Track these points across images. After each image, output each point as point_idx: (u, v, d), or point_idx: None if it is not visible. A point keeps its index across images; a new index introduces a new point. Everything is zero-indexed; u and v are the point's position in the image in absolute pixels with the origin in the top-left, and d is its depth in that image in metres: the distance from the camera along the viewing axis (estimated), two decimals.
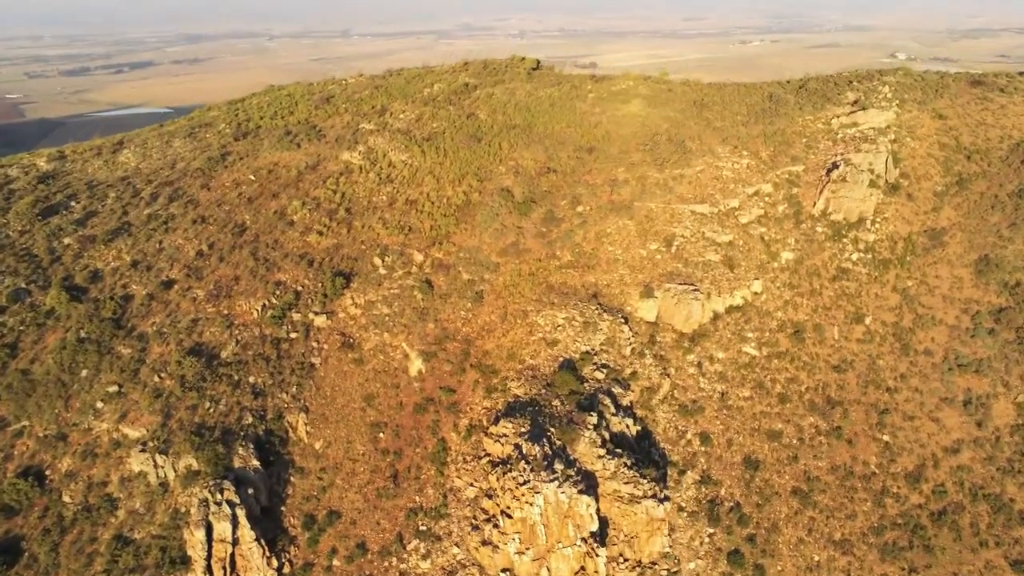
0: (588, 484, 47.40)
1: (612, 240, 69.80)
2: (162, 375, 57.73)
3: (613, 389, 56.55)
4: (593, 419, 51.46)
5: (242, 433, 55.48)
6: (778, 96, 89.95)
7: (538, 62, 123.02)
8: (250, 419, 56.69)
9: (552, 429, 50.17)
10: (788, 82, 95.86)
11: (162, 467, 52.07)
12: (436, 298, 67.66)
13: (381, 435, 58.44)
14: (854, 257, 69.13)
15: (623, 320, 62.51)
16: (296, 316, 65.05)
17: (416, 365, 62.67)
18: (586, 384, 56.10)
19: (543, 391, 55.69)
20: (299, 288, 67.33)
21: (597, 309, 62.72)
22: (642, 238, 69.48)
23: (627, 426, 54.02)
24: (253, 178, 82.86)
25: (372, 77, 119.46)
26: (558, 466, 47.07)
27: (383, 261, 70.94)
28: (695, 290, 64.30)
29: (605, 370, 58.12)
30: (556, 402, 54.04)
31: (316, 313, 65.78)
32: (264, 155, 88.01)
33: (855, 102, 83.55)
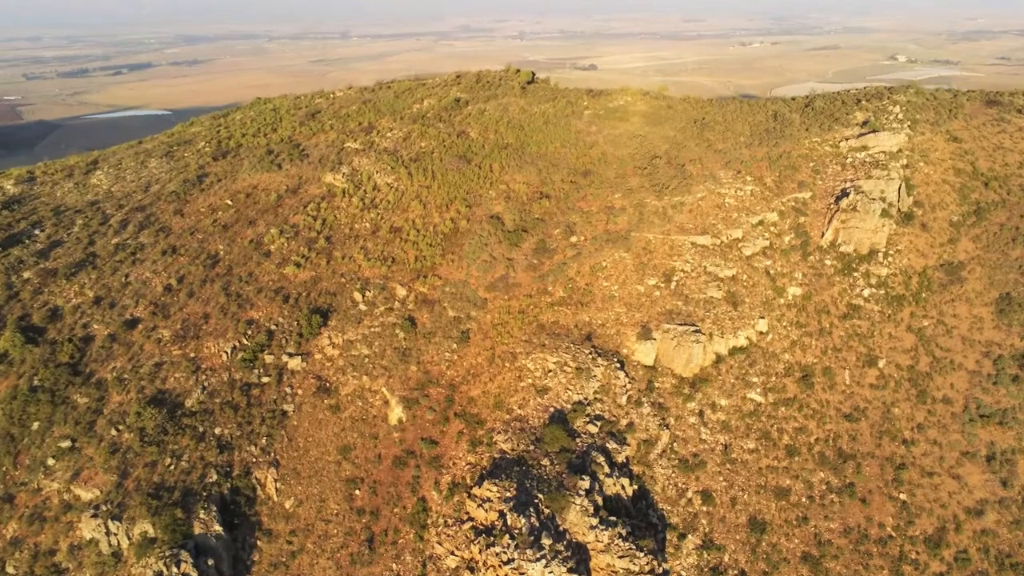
0: (579, 559, 43.07)
1: (608, 274, 65.43)
2: (120, 427, 53.35)
3: (607, 444, 52.18)
4: (585, 483, 47.09)
5: (205, 493, 51.07)
6: (783, 115, 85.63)
7: (533, 75, 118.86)
8: (214, 476, 52.28)
9: (540, 495, 45.81)
10: (793, 99, 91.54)
11: (115, 534, 47.69)
12: (419, 337, 63.29)
13: (357, 492, 54.05)
14: (865, 293, 64.79)
15: (619, 364, 58.14)
16: (269, 358, 60.65)
17: (396, 413, 58.29)
18: (578, 440, 51.72)
19: (531, 447, 51.32)
20: (273, 327, 62.96)
21: (591, 353, 58.34)
22: (639, 272, 65.13)
23: (623, 487, 49.66)
24: (230, 203, 78.57)
25: (361, 90, 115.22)
26: (545, 541, 42.72)
27: (364, 296, 66.59)
28: (696, 331, 59.94)
29: (599, 422, 53.74)
30: (545, 461, 49.68)
31: (290, 355, 61.39)
32: (243, 177, 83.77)
33: (864, 123, 79.20)
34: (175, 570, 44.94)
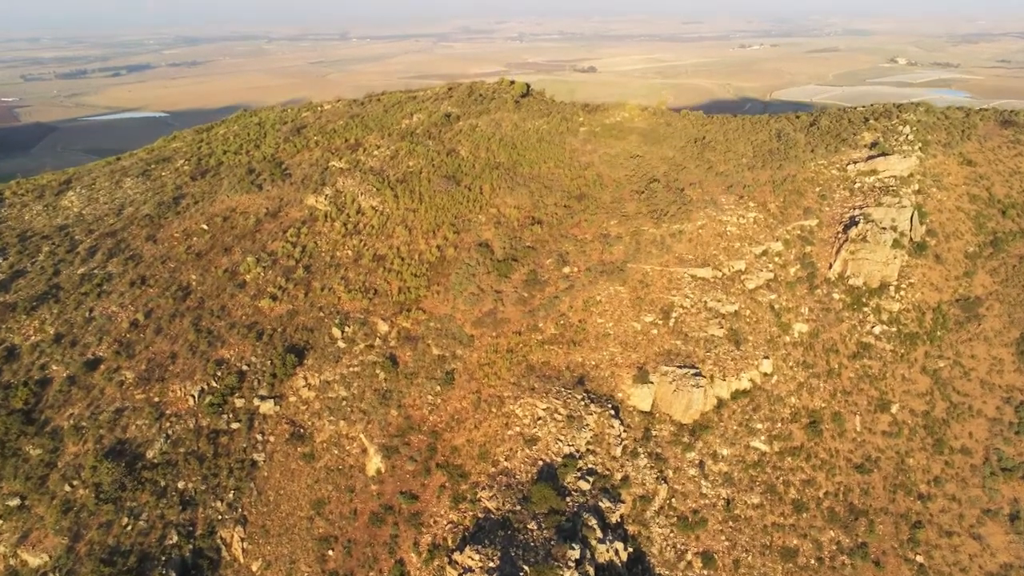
0: None
1: (602, 310, 61.50)
2: (74, 483, 49.37)
3: (600, 503, 48.25)
4: (575, 552, 43.17)
5: (164, 557, 47.11)
6: (787, 135, 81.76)
7: (528, 87, 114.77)
8: (175, 538, 48.32)
9: (526, 567, 41.86)
10: (798, 117, 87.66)
11: None
12: (401, 378, 59.33)
13: (330, 552, 50.08)
14: (876, 330, 60.90)
15: (613, 411, 54.20)
16: (239, 402, 56.68)
17: (375, 463, 54.33)
18: (568, 499, 47.79)
19: (518, 507, 47.37)
20: (245, 367, 58.99)
21: (583, 399, 54.40)
22: (636, 308, 61.19)
23: (616, 552, 45.74)
24: (206, 227, 74.63)
25: (350, 103, 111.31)
26: None
27: (343, 332, 62.64)
28: (696, 373, 56.01)
29: (591, 477, 49.80)
30: (532, 524, 45.72)
31: (263, 397, 57.41)
32: (222, 198, 79.82)
33: (873, 144, 75.35)
34: None
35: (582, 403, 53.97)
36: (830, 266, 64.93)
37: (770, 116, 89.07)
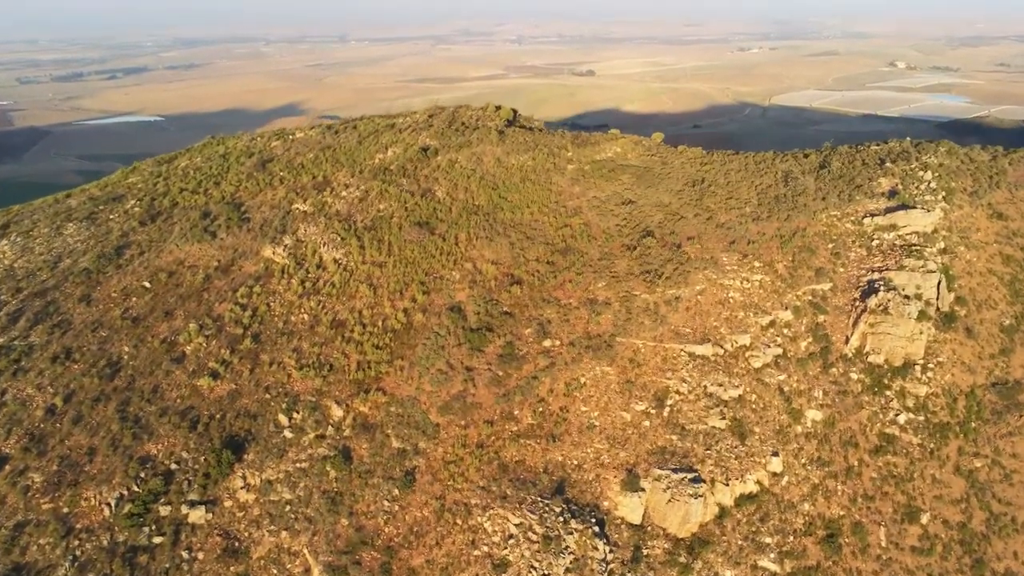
0: None
1: (587, 395, 53.72)
2: None
3: None
4: None
5: None
6: (795, 177, 74.01)
7: (514, 113, 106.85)
8: None
9: None
10: (806, 156, 79.90)
11: None
12: (355, 477, 51.46)
13: None
14: (901, 419, 53.15)
15: (597, 527, 46.40)
16: (164, 510, 48.83)
17: None
18: None
19: None
20: (173, 465, 51.14)
21: (563, 512, 46.58)
22: (625, 394, 53.41)
23: None
24: (148, 285, 66.89)
25: (324, 130, 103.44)
26: None
27: (291, 419, 54.80)
28: (695, 478, 48.24)
29: None
30: None
31: (192, 503, 49.56)
32: (170, 248, 72.08)
33: (892, 193, 67.63)
34: None
35: (561, 518, 46.13)
36: (846, 340, 57.20)
37: (775, 155, 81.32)
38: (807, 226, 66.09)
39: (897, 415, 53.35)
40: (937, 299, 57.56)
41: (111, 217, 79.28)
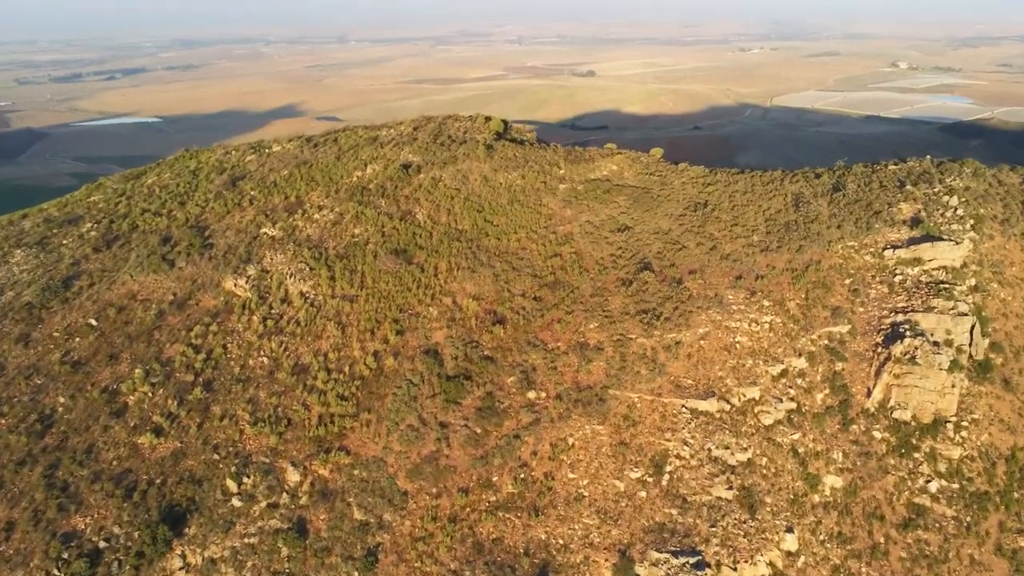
0: None
1: (575, 459, 47.36)
2: None
3: None
4: None
5: None
6: (806, 201, 67.63)
7: (505, 124, 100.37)
8: None
9: None
10: (817, 176, 73.46)
11: None
12: (310, 556, 45.07)
13: None
14: (933, 487, 46.78)
15: None
16: None
17: None
18: None
19: None
20: (102, 543, 44.78)
21: None
22: (619, 458, 47.03)
23: None
24: (94, 323, 60.67)
25: (303, 144, 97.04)
26: None
27: (240, 484, 48.43)
28: (698, 562, 41.88)
29: None
30: None
31: None
32: (123, 279, 65.94)
33: (914, 221, 61.25)
34: None
35: None
36: (868, 392, 50.81)
37: (784, 174, 74.94)
38: (822, 258, 59.72)
39: (928, 482, 46.98)
40: (970, 345, 51.22)
41: (64, 242, 73.18)
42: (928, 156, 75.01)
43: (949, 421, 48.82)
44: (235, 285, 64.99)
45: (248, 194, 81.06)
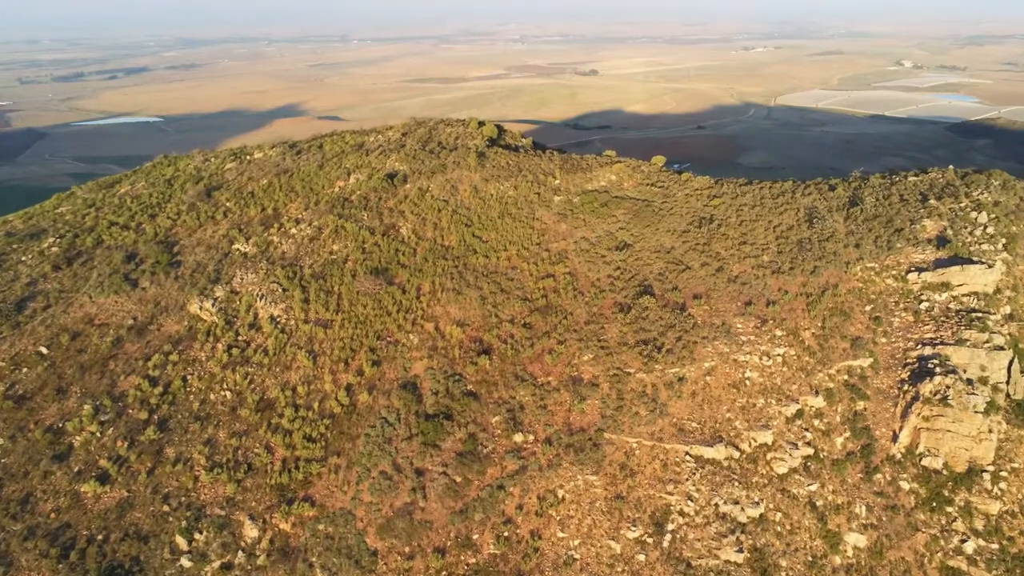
0: None
1: (565, 515, 42.16)
2: None
3: None
4: None
5: None
6: (820, 217, 62.28)
7: (499, 130, 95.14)
8: None
9: None
10: (832, 188, 68.08)
11: None
12: None
13: None
14: (969, 548, 41.47)
15: None
16: None
17: None
18: None
19: None
20: None
21: None
22: (615, 515, 41.84)
23: None
24: (44, 351, 55.76)
25: (285, 149, 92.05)
26: None
27: (191, 541, 43.34)
28: None
29: None
30: None
31: None
32: (81, 301, 61.05)
33: (940, 241, 55.88)
34: None
35: None
36: (894, 436, 45.51)
37: (795, 185, 69.60)
38: (839, 281, 54.40)
39: (963, 541, 41.69)
40: (1008, 383, 45.89)
41: (23, 259, 68.35)
42: (951, 166, 69.48)
43: (986, 471, 43.51)
44: (201, 308, 59.98)
45: (223, 206, 76.17)
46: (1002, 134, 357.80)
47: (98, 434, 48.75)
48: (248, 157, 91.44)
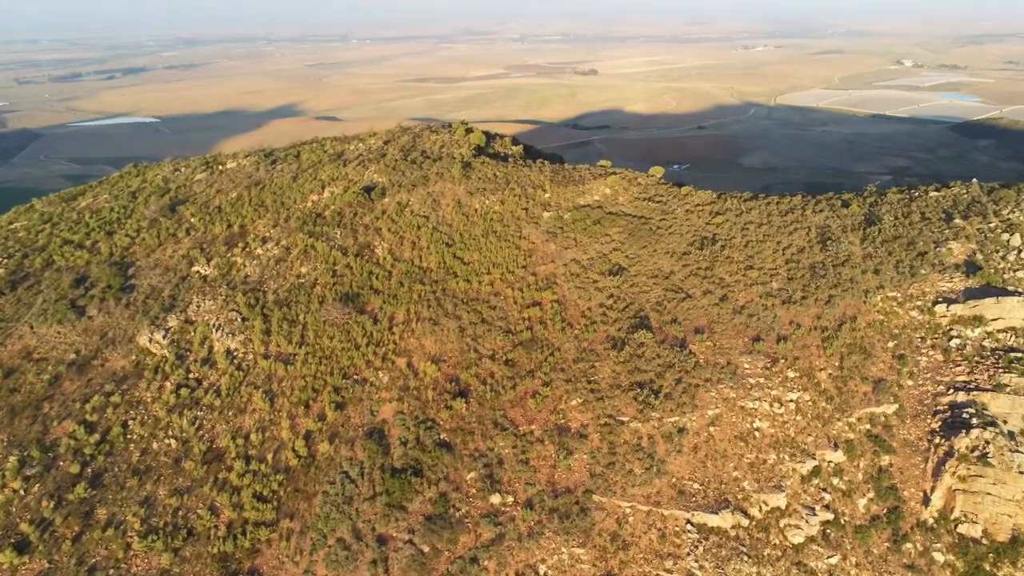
0: None
1: None
2: None
3: None
4: None
5: None
6: (834, 238, 56.49)
7: (487, 137, 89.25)
8: None
9: None
10: (845, 205, 62.23)
11: None
12: None
13: None
14: None
15: None
16: None
17: None
18: None
19: None
20: None
21: None
22: None
23: None
24: None
25: (259, 159, 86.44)
26: None
27: None
28: None
29: None
30: None
31: None
32: (21, 332, 55.61)
33: (969, 267, 50.09)
34: None
35: None
36: (925, 498, 39.76)
37: (804, 200, 63.81)
38: (857, 313, 48.62)
39: None
40: None
41: None
42: (975, 179, 63.74)
43: None
44: (151, 341, 54.38)
45: (187, 222, 70.68)
46: (1005, 134, 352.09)
47: (21, 492, 43.12)
48: (220, 167, 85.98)
